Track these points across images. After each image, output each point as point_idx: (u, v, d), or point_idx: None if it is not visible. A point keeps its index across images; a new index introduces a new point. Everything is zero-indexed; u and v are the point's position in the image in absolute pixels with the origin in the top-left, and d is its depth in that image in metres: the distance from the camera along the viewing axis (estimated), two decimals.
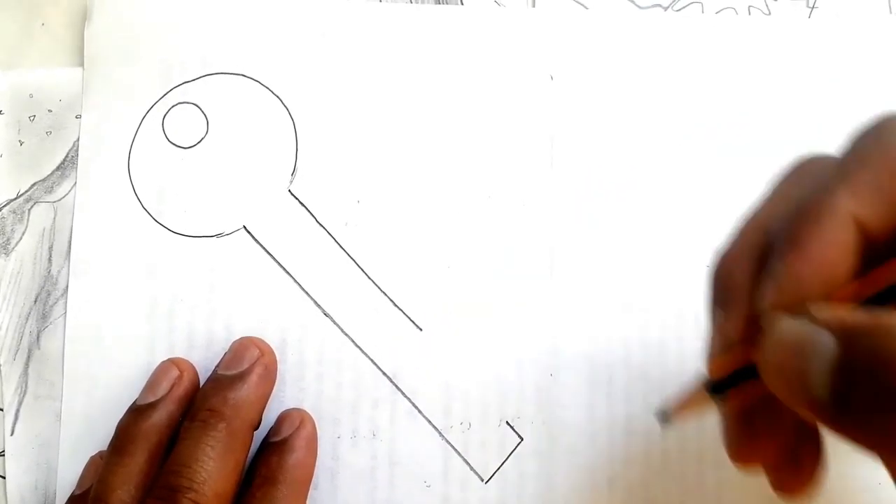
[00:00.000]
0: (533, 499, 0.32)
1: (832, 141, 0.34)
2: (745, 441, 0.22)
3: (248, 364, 0.30)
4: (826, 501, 0.31)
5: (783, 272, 0.18)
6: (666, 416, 0.22)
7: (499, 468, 0.32)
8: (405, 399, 0.32)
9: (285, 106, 0.34)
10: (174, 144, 0.34)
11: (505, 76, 0.34)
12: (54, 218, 0.33)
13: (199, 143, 0.34)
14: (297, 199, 0.33)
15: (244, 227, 0.33)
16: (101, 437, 0.31)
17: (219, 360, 0.31)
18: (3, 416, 0.32)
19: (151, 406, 0.29)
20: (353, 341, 0.32)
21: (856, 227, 0.18)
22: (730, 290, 0.21)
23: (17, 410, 0.32)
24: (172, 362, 0.31)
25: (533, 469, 0.32)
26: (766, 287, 0.19)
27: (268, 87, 0.34)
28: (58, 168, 0.33)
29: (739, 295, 0.20)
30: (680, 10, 0.35)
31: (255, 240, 0.33)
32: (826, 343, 0.16)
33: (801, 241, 0.18)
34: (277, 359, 0.32)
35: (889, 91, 0.34)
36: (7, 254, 0.33)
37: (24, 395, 0.32)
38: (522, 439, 0.32)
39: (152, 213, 0.33)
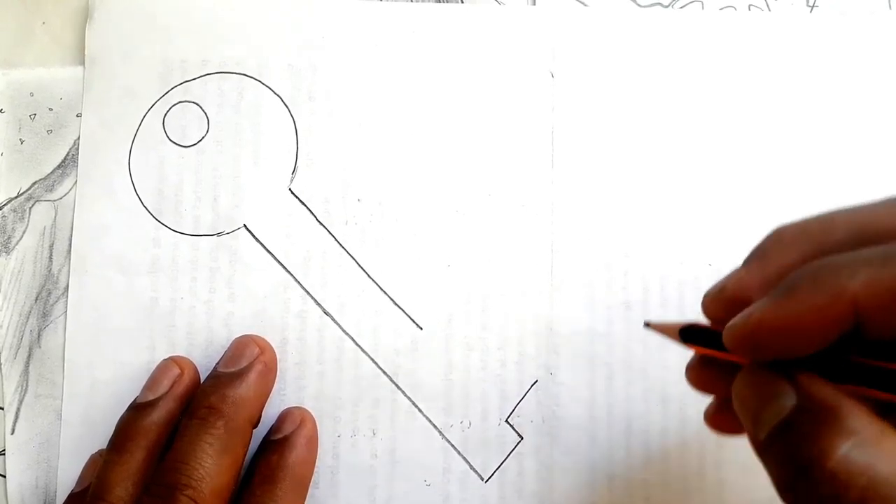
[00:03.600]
0: (533, 497, 0.31)
1: (831, 138, 0.34)
2: (701, 373, 0.25)
3: (247, 362, 0.30)
4: None
5: (761, 316, 0.20)
6: (647, 326, 0.26)
7: (499, 467, 0.32)
8: (405, 398, 0.32)
9: (286, 104, 0.34)
10: (175, 143, 0.34)
11: (505, 74, 0.34)
12: (55, 216, 0.33)
13: (199, 141, 0.34)
14: (297, 197, 0.33)
15: (244, 225, 0.33)
16: (101, 436, 0.31)
17: (219, 358, 0.31)
18: (4, 415, 0.32)
19: (151, 404, 0.29)
20: (353, 340, 0.32)
21: (853, 313, 0.19)
22: (759, 255, 0.23)
23: (18, 409, 0.32)
24: (173, 360, 0.31)
25: (533, 468, 0.32)
26: (745, 317, 0.21)
27: (268, 86, 0.34)
28: (58, 167, 0.33)
29: (759, 265, 0.22)
30: (680, 7, 0.35)
31: (256, 238, 0.33)
32: (787, 398, 0.20)
33: (793, 298, 0.20)
34: (278, 357, 0.32)
35: (889, 88, 0.34)
36: (8, 252, 0.33)
37: (24, 394, 0.32)
38: (522, 438, 0.32)
39: (153, 211, 0.33)
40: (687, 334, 0.24)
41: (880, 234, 0.20)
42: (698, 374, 0.25)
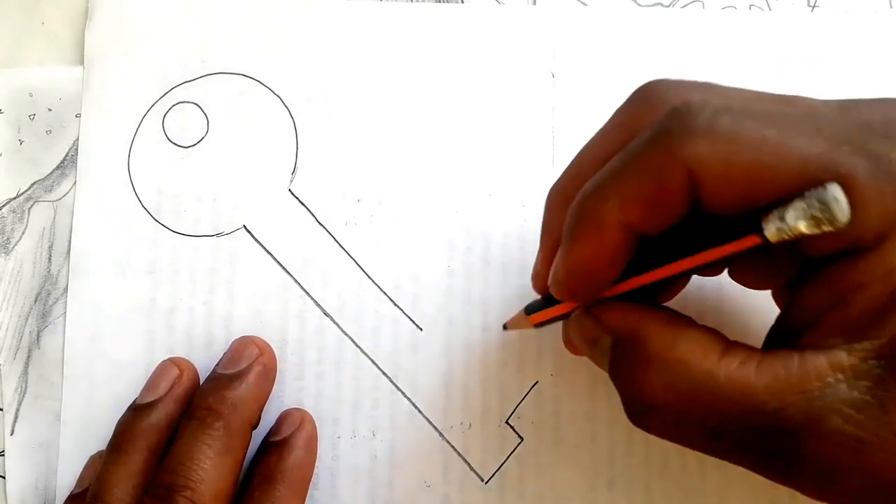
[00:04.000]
0: (533, 499, 0.31)
1: None
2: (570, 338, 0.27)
3: (246, 363, 0.30)
4: None
5: (558, 267, 0.23)
6: (504, 327, 0.30)
7: (499, 468, 0.32)
8: (405, 399, 0.32)
9: (285, 105, 0.34)
10: (174, 143, 0.34)
11: (506, 74, 0.34)
12: (54, 217, 0.33)
13: (199, 142, 0.34)
14: (297, 198, 0.33)
15: (244, 226, 0.33)
16: (100, 437, 0.31)
17: (218, 359, 0.31)
18: (3, 416, 0.32)
19: (151, 405, 0.29)
20: (353, 341, 0.32)
21: (624, 232, 0.21)
22: (547, 230, 0.26)
23: (17, 410, 0.32)
24: (172, 362, 0.31)
25: (533, 469, 0.32)
26: (550, 271, 0.24)
27: (268, 87, 0.34)
28: (58, 167, 0.33)
29: (547, 236, 0.26)
30: (682, 7, 0.35)
31: (256, 239, 0.33)
32: (604, 340, 0.23)
33: (574, 243, 0.22)
34: (277, 358, 0.32)
35: (890, 86, 0.34)
36: (7, 253, 0.33)
37: (23, 395, 0.32)
38: (523, 439, 0.32)
39: (152, 212, 0.33)
40: (531, 310, 0.26)
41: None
42: (569, 340, 0.27)
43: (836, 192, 0.18)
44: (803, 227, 0.19)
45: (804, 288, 0.21)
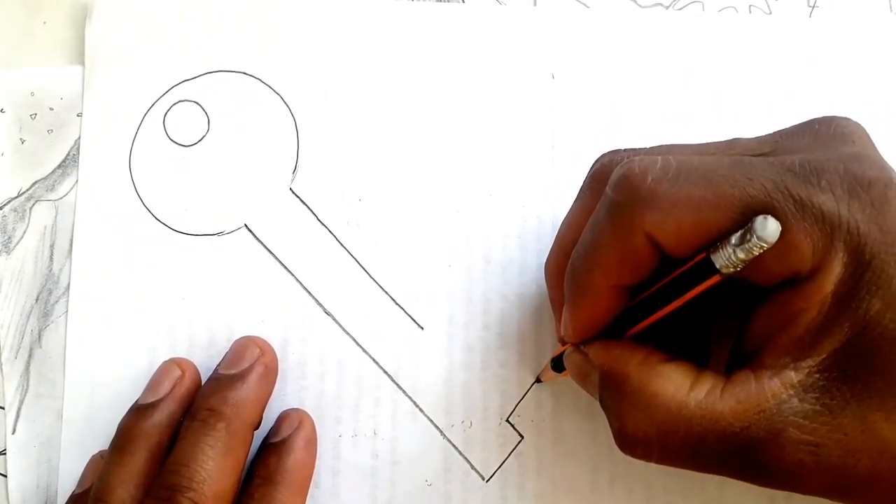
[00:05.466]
0: (534, 497, 0.32)
1: None
2: None
3: (248, 363, 0.30)
4: None
5: (566, 326, 0.27)
6: (538, 379, 0.32)
7: (500, 466, 0.32)
8: (406, 398, 0.32)
9: (286, 104, 0.34)
10: (175, 142, 0.34)
11: (506, 74, 0.34)
12: (55, 216, 0.33)
13: (200, 141, 0.34)
14: (298, 197, 0.33)
15: (245, 225, 0.33)
16: (102, 437, 0.31)
17: (220, 359, 0.31)
18: (5, 415, 0.32)
19: (153, 406, 0.29)
20: (354, 340, 0.33)
21: (614, 290, 0.25)
22: (553, 301, 0.30)
23: (19, 409, 0.32)
24: (174, 362, 0.31)
25: (534, 467, 0.32)
26: (561, 328, 0.28)
27: (269, 85, 0.34)
28: (59, 166, 0.33)
29: (557, 307, 0.29)
30: (681, 8, 0.35)
31: (257, 238, 0.33)
32: (594, 375, 0.26)
33: (576, 307, 0.26)
34: (279, 358, 0.32)
35: (889, 90, 0.34)
36: (9, 252, 0.33)
37: (25, 394, 0.32)
38: (523, 437, 0.32)
39: (153, 211, 0.33)
40: (558, 365, 0.30)
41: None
42: None
43: (762, 219, 0.21)
44: (742, 253, 0.22)
45: (757, 312, 0.24)
